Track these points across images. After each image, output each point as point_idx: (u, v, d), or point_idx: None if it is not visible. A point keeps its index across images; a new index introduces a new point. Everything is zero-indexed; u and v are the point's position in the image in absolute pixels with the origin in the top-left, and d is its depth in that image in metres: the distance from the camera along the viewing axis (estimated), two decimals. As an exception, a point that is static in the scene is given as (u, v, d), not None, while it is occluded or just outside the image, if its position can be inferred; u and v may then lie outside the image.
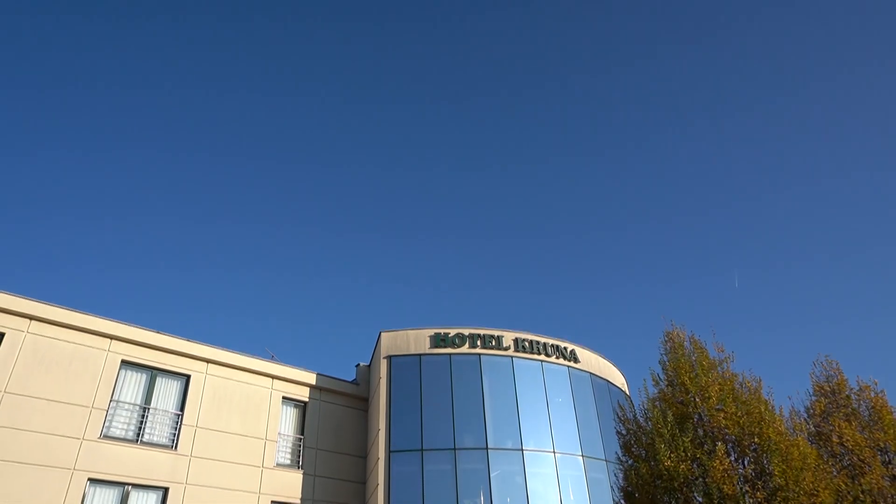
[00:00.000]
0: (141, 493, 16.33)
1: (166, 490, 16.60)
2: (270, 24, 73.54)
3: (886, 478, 12.62)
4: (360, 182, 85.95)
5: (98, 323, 17.22)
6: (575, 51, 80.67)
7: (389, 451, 18.68)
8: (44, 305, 16.49)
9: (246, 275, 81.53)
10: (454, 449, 18.73)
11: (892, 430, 13.29)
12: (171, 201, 75.03)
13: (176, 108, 72.40)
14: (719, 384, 11.19)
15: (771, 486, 10.00)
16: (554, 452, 19.50)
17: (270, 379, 20.17)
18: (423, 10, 78.70)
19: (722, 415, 10.72)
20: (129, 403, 17.20)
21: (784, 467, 10.02)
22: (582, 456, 20.01)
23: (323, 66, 79.74)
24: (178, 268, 77.06)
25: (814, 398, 14.51)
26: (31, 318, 16.23)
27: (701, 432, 10.94)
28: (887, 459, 13.07)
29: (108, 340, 17.32)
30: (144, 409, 17.37)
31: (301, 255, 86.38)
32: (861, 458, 12.52)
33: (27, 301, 16.28)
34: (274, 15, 72.73)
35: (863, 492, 12.28)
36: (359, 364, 22.99)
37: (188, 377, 18.44)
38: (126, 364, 17.52)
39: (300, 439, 20.13)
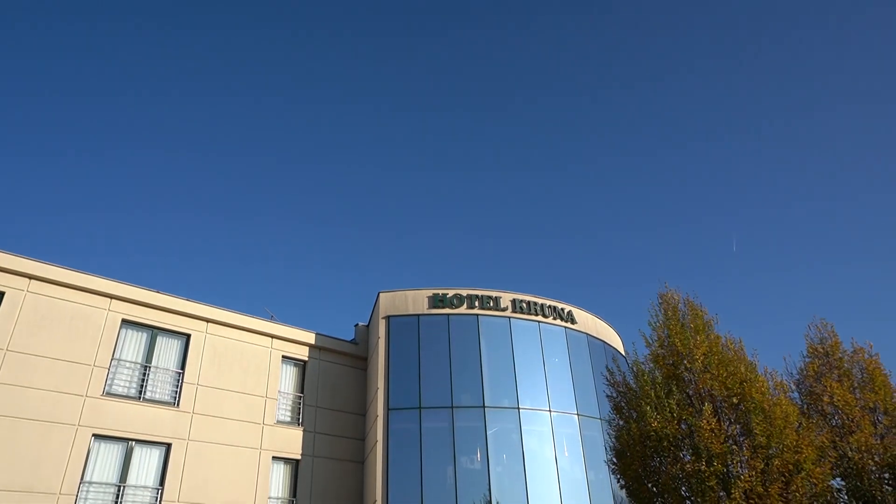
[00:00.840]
0: (144, 449, 16.71)
1: (169, 446, 16.97)
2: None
3: (876, 436, 12.83)
4: (361, 145, 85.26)
5: (98, 282, 17.33)
6: None
7: (388, 409, 19.00)
8: (43, 265, 16.58)
9: (245, 235, 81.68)
10: (451, 407, 19.03)
11: (883, 392, 13.46)
12: (170, 166, 74.67)
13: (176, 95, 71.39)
14: (706, 346, 11.29)
15: (755, 444, 10.18)
16: (550, 411, 19.82)
17: (270, 338, 20.39)
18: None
19: (708, 376, 10.85)
20: (131, 362, 17.44)
21: (766, 426, 10.19)
22: (577, 414, 20.34)
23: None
24: (178, 230, 77.18)
25: (807, 360, 14.65)
26: (30, 277, 16.33)
27: (690, 393, 11.08)
28: (877, 419, 13.27)
29: (108, 300, 17.46)
30: (146, 367, 17.63)
31: (300, 217, 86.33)
32: (850, 417, 12.71)
33: (27, 260, 16.36)
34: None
35: (851, 449, 12.51)
36: (357, 324, 23.21)
37: (188, 336, 18.65)
38: (126, 323, 17.70)
39: (300, 397, 20.47)
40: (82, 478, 15.36)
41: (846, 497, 12.77)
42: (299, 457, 19.40)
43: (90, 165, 71.58)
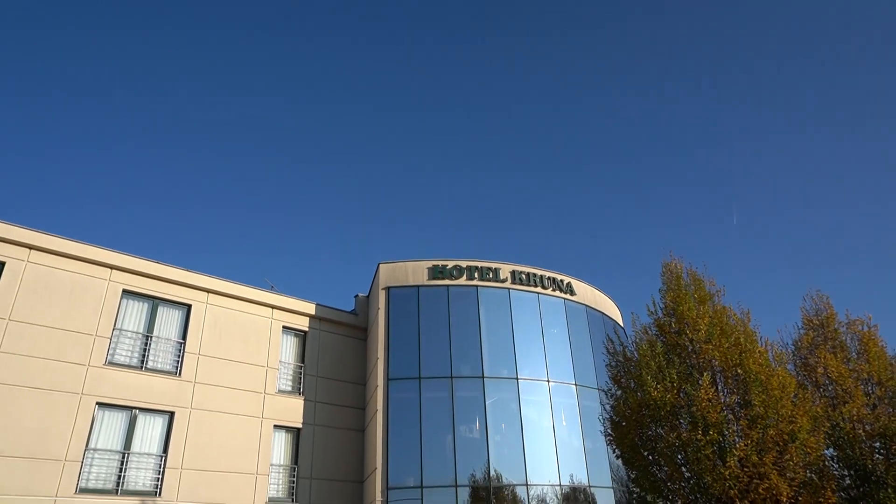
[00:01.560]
0: (148, 417, 16.92)
1: (172, 414, 17.18)
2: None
3: (867, 406, 13.04)
4: (361, 114, 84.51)
5: (98, 253, 17.33)
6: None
7: (388, 379, 19.21)
8: (43, 235, 16.55)
9: (245, 206, 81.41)
10: (451, 377, 19.24)
11: (877, 363, 13.63)
12: (169, 134, 74.00)
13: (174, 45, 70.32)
14: (710, 316, 11.39)
15: (751, 414, 10.34)
16: (548, 381, 20.05)
17: (270, 309, 20.49)
18: None
19: (710, 346, 10.97)
20: (132, 332, 17.55)
21: (764, 396, 10.34)
22: (575, 385, 20.59)
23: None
24: (178, 199, 76.87)
25: (802, 331, 14.79)
26: (30, 247, 16.32)
27: (690, 362, 11.21)
28: (869, 390, 13.47)
29: (109, 270, 17.48)
30: (147, 337, 17.74)
31: (300, 188, 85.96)
32: (843, 388, 12.90)
33: (26, 230, 16.33)
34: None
35: (844, 419, 12.72)
36: (357, 295, 23.31)
37: (189, 307, 18.74)
38: (127, 293, 17.76)
39: (300, 367, 20.66)
40: (87, 445, 15.58)
41: (837, 465, 13.02)
42: (300, 425, 19.67)
43: (91, 139, 70.97)
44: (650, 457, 11.27)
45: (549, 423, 19.39)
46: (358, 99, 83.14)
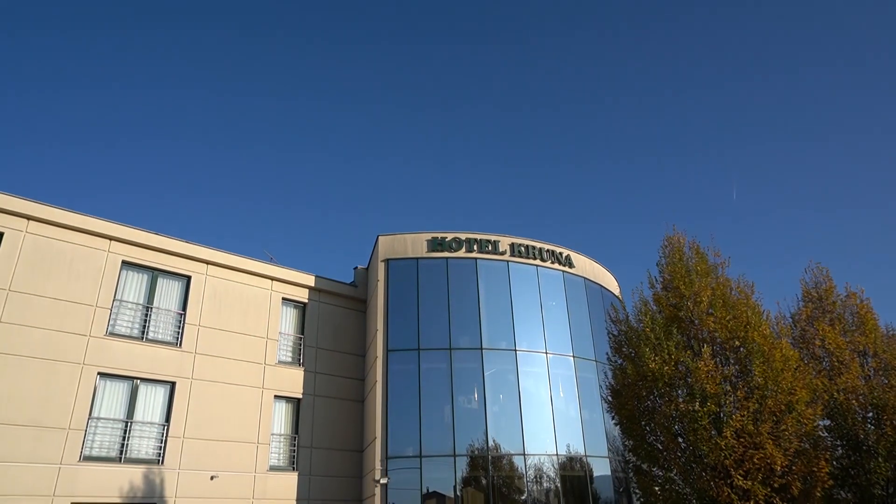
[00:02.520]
0: (149, 387, 17.05)
1: (173, 384, 17.32)
2: None
3: (862, 378, 13.20)
4: (360, 88, 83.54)
5: (96, 224, 17.26)
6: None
7: (387, 350, 19.34)
8: (41, 206, 16.46)
9: (244, 178, 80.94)
10: (450, 349, 19.38)
11: (872, 335, 13.76)
12: (167, 105, 73.15)
13: None
14: (712, 289, 11.43)
15: (751, 385, 10.46)
16: (546, 353, 20.21)
17: (270, 280, 20.52)
18: None
19: (711, 319, 11.03)
20: (132, 303, 17.58)
21: (765, 368, 10.45)
22: (573, 356, 20.77)
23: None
24: (178, 170, 76.35)
25: (801, 304, 14.88)
26: (28, 218, 16.24)
27: (690, 335, 11.29)
28: (865, 362, 13.62)
29: (108, 241, 17.44)
30: (147, 308, 17.78)
31: (299, 160, 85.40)
32: (840, 360, 13.03)
33: (24, 201, 16.24)
34: None
35: (838, 391, 12.88)
36: (357, 267, 23.34)
37: (189, 278, 18.75)
38: (127, 265, 17.74)
39: (300, 338, 20.78)
40: (90, 414, 15.73)
41: (830, 436, 13.22)
42: (300, 395, 19.86)
43: (89, 106, 70.15)
44: (647, 427, 11.43)
45: (546, 395, 19.60)
46: (358, 64, 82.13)
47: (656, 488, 11.49)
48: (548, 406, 19.44)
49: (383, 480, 17.51)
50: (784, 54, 75.98)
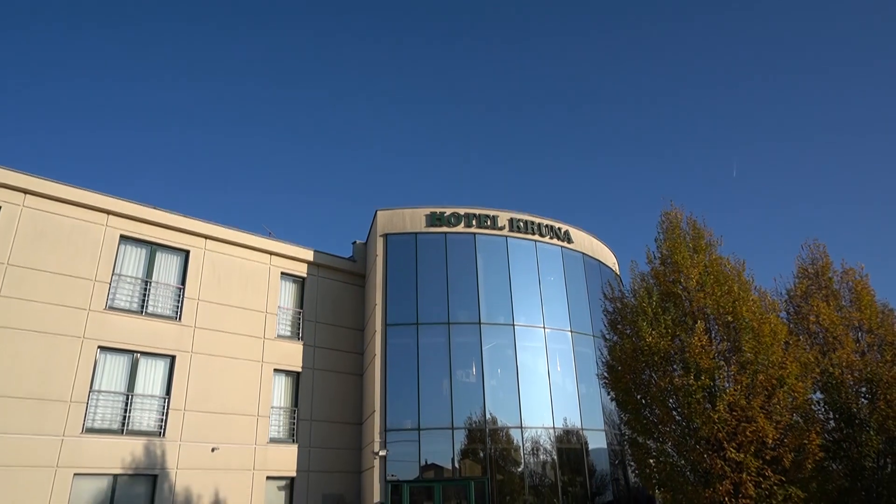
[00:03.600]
0: (150, 360, 17.19)
1: (173, 358, 17.45)
2: None
3: (856, 353, 13.29)
4: (361, 57, 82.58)
5: (94, 198, 17.22)
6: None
7: (386, 325, 19.46)
8: (38, 179, 16.40)
9: (242, 152, 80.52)
10: (448, 323, 19.49)
11: (868, 311, 13.82)
12: (164, 72, 72.38)
13: (157, -29, 67.91)
14: (704, 265, 11.48)
15: (742, 360, 10.56)
16: (544, 328, 20.34)
17: (269, 255, 20.55)
18: None
19: (703, 294, 11.10)
20: (131, 277, 17.63)
21: (754, 343, 10.54)
22: (570, 331, 20.91)
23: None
24: (176, 143, 75.90)
25: (797, 280, 14.92)
26: (25, 191, 16.19)
27: (684, 310, 11.36)
28: (859, 337, 13.71)
29: (106, 215, 17.42)
30: (146, 282, 17.83)
31: (297, 133, 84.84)
32: (834, 335, 13.12)
33: (21, 175, 16.17)
34: None
35: (833, 365, 12.99)
36: (355, 242, 23.35)
37: (187, 252, 18.77)
38: (125, 239, 17.75)
39: (299, 312, 20.88)
40: (91, 387, 15.88)
41: (823, 409, 13.37)
42: (300, 369, 20.03)
43: (88, 79, 69.44)
44: (643, 400, 11.56)
45: (544, 369, 19.78)
46: (358, 40, 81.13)
47: (651, 461, 11.66)
48: (545, 380, 19.64)
49: (382, 452, 17.76)
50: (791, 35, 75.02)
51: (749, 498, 10.02)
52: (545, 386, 19.55)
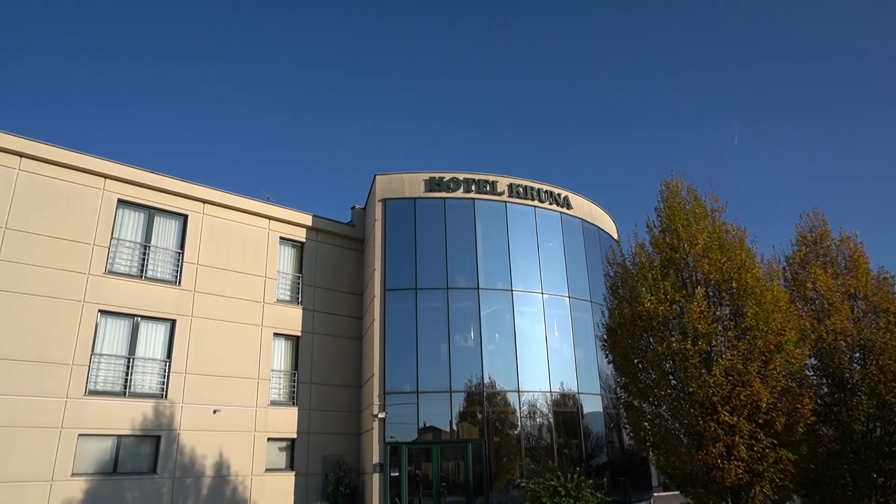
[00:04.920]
0: (150, 324, 17.30)
1: (174, 322, 17.56)
2: None
3: (851, 320, 13.44)
4: (360, 25, 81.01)
5: (91, 161, 17.08)
6: None
7: (385, 290, 19.55)
8: (33, 142, 16.23)
9: (239, 117, 79.58)
10: (447, 288, 19.59)
11: (864, 278, 13.92)
12: (163, 36, 71.00)
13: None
14: (708, 232, 11.50)
15: (743, 326, 10.68)
16: (542, 293, 20.46)
17: (267, 220, 20.51)
18: None
19: (706, 261, 11.15)
20: (130, 241, 17.60)
21: (756, 309, 10.64)
22: (568, 297, 21.05)
23: None
24: (174, 107, 74.92)
25: (795, 248, 14.98)
26: (21, 155, 16.04)
27: (685, 276, 11.44)
28: (855, 304, 13.84)
29: (103, 179, 17.30)
30: (145, 246, 17.82)
31: (296, 95, 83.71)
32: (830, 302, 13.24)
33: (16, 138, 15.99)
34: None
35: (827, 332, 13.14)
36: (354, 206, 23.30)
37: (186, 217, 18.71)
38: (123, 203, 17.66)
39: (299, 277, 20.95)
40: (93, 350, 16.01)
41: (816, 375, 13.57)
42: (300, 333, 20.19)
43: (87, 48, 68.08)
44: (640, 364, 11.72)
45: (541, 334, 19.97)
46: (357, 6, 79.46)
47: (646, 423, 11.88)
48: (542, 345, 19.85)
49: (381, 415, 18.04)
50: (794, -10, 73.62)
51: (741, 460, 10.24)
52: (542, 351, 19.77)
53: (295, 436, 19.12)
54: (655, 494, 26.02)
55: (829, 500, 12.84)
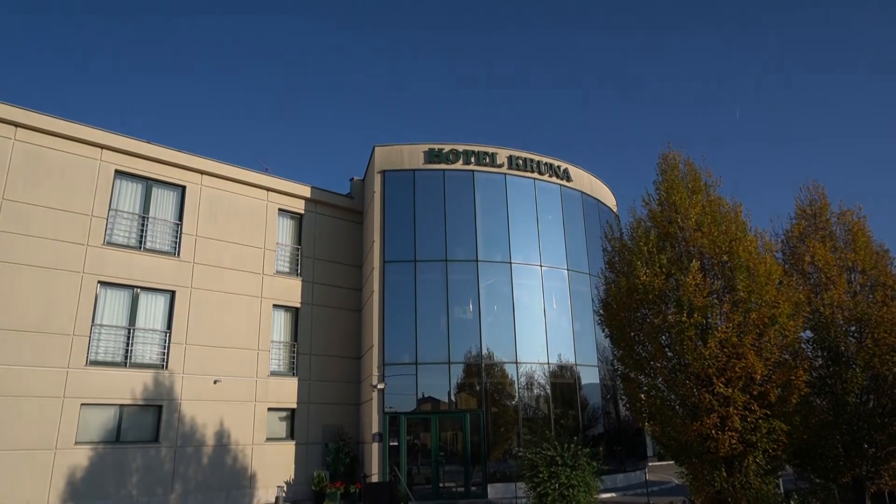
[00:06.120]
0: (150, 295, 17.36)
1: (173, 293, 17.62)
2: None
3: (848, 293, 13.45)
4: (352, -16, 79.51)
5: (87, 132, 16.94)
6: None
7: (384, 262, 19.59)
8: (29, 112, 16.09)
9: (237, 88, 78.71)
10: (446, 260, 19.63)
11: (863, 252, 13.88)
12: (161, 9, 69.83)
13: None
14: (703, 206, 11.45)
15: (735, 298, 10.70)
16: (540, 266, 20.50)
17: (266, 191, 20.43)
18: None
19: (700, 234, 11.12)
20: (128, 212, 17.56)
21: (748, 282, 10.64)
22: (567, 269, 21.10)
23: None
24: (171, 78, 74.05)
25: (794, 221, 14.91)
26: (16, 125, 15.90)
27: (681, 250, 11.42)
28: (853, 278, 13.82)
29: (100, 150, 17.18)
30: (143, 218, 17.78)
31: (295, 66, 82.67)
32: (827, 276, 13.23)
33: (11, 107, 15.84)
34: None
35: (824, 305, 13.16)
36: (353, 178, 23.20)
37: (184, 188, 18.64)
38: (120, 174, 17.58)
39: (298, 249, 20.96)
40: (93, 321, 16.10)
41: (811, 347, 13.63)
42: (299, 305, 20.28)
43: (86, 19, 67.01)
44: (636, 337, 11.76)
45: (540, 306, 20.07)
46: (350, -31, 77.93)
47: (642, 395, 11.98)
48: (541, 317, 19.96)
49: (380, 386, 18.23)
50: (801, -42, 72.18)
51: (735, 430, 10.35)
52: (541, 323, 19.89)
53: (295, 406, 19.34)
54: (650, 464, 26.43)
55: (821, 469, 13.03)
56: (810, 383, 11.88)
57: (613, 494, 18.36)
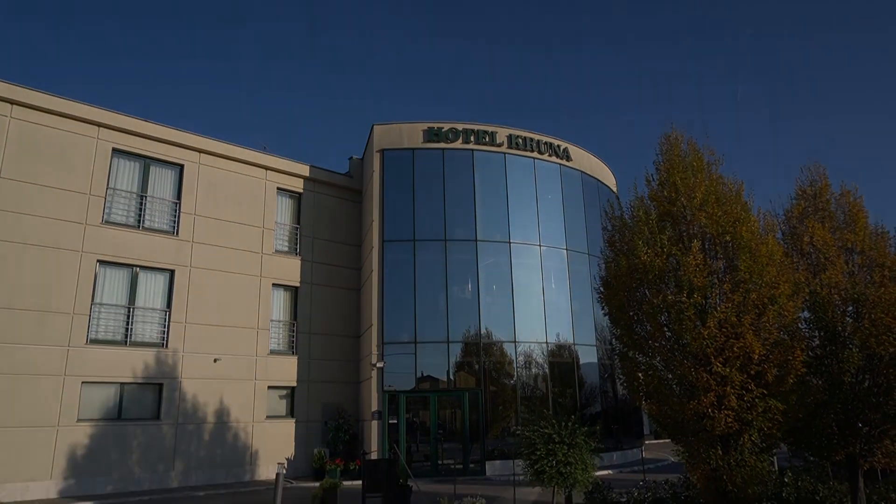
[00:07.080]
0: (149, 274, 17.36)
1: (172, 272, 17.62)
2: None
3: (846, 274, 13.49)
4: (349, -41, 78.24)
5: (84, 109, 16.79)
6: None
7: (383, 241, 19.58)
8: (25, 90, 15.92)
9: (235, 66, 77.86)
10: (445, 240, 19.63)
11: (862, 233, 13.90)
12: (143, -24, 68.69)
13: None
14: (706, 185, 11.41)
15: (736, 279, 10.71)
16: (540, 245, 20.52)
17: (264, 170, 20.34)
18: None
19: (703, 214, 11.10)
20: (126, 191, 17.48)
21: (750, 263, 10.66)
22: (566, 249, 21.12)
23: None
24: (169, 57, 73.19)
25: (794, 201, 14.90)
26: (12, 102, 15.74)
27: (682, 230, 11.40)
28: (851, 259, 13.85)
29: (97, 128, 17.05)
30: (142, 196, 17.71)
31: (291, 47, 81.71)
32: (826, 256, 13.25)
33: (6, 84, 15.66)
34: None
35: (821, 285, 13.21)
36: (352, 157, 23.09)
37: (182, 167, 18.54)
38: (118, 153, 17.46)
39: (296, 228, 20.92)
40: (93, 300, 16.11)
41: (808, 327, 13.69)
42: (298, 284, 20.31)
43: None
44: (635, 316, 11.79)
45: (538, 286, 20.13)
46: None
47: (639, 374, 12.04)
48: (539, 297, 20.03)
49: (380, 364, 18.34)
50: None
51: (731, 409, 10.43)
52: (539, 302, 19.96)
53: (295, 384, 19.47)
54: (647, 442, 26.74)
55: (815, 447, 13.16)
56: (807, 363, 11.94)
57: (610, 472, 18.60)
